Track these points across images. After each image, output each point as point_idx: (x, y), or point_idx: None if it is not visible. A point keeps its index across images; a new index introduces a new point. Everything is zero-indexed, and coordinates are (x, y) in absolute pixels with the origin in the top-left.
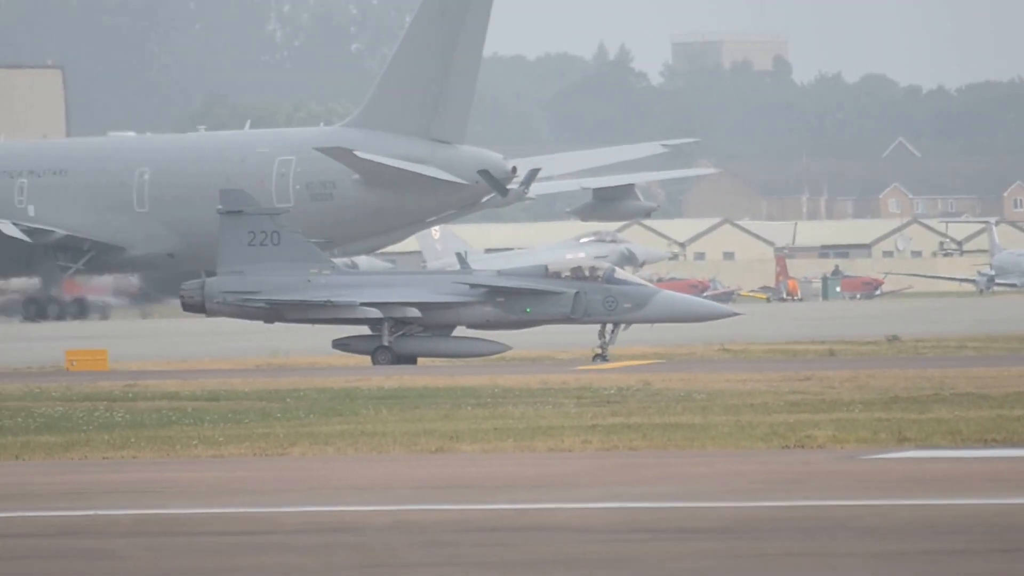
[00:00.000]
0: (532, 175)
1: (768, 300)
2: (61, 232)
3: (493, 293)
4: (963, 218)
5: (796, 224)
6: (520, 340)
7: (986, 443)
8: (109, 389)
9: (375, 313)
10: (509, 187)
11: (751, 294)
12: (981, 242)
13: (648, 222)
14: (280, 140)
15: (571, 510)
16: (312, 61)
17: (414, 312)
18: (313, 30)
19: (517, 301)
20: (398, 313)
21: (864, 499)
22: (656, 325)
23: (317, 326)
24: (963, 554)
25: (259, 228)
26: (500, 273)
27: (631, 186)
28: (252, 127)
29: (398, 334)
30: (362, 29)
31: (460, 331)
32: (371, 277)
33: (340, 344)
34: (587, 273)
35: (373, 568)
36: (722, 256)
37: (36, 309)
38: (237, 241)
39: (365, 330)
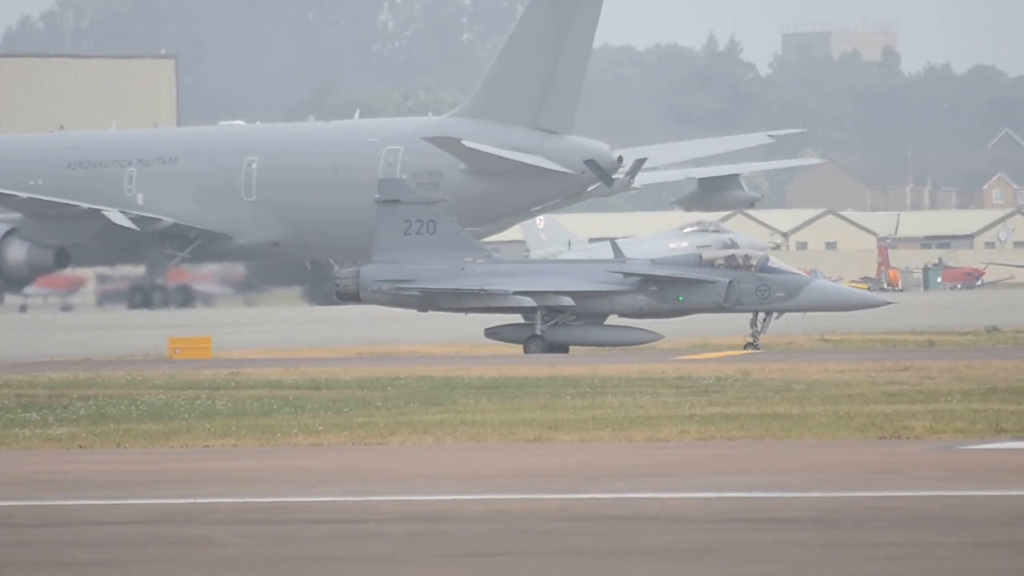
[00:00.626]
0: (638, 165)
1: (869, 290)
2: (168, 220)
3: (646, 282)
4: None
5: (899, 215)
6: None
7: None
8: (211, 377)
9: (528, 302)
10: (615, 177)
11: (853, 284)
12: None
13: (751, 212)
14: (389, 130)
15: (666, 500)
16: (423, 51)
17: (567, 301)
18: (424, 20)
19: (670, 290)
20: (551, 302)
21: (959, 490)
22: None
23: (471, 315)
24: None
25: (415, 217)
26: (654, 262)
27: (736, 176)
28: (361, 117)
29: (550, 323)
30: (474, 20)
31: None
32: (524, 266)
33: (492, 333)
34: (741, 262)
35: (467, 556)
36: (824, 246)
37: (141, 297)
38: (393, 230)
39: (517, 319)
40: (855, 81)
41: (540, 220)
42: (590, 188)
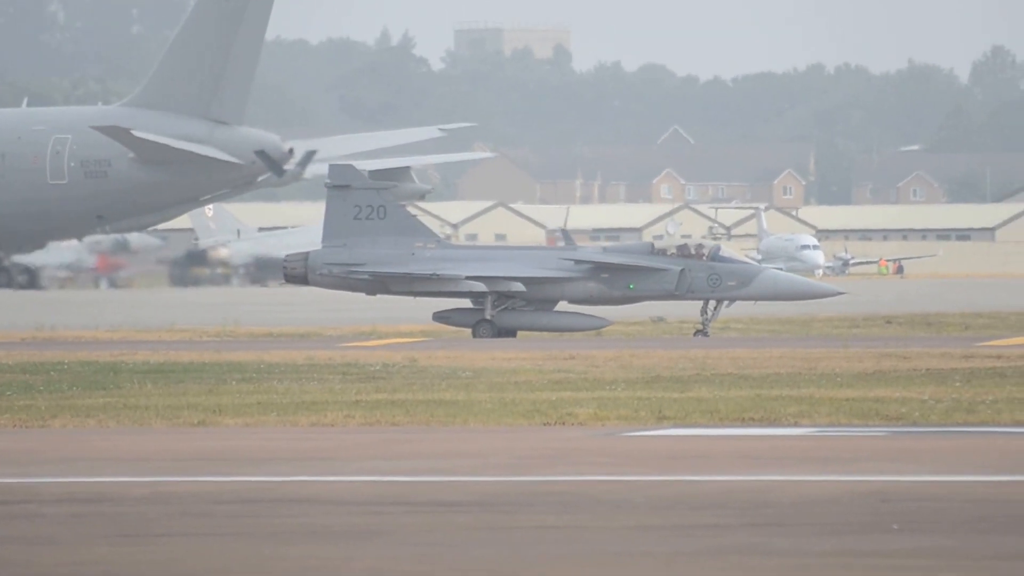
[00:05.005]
0: (308, 156)
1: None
2: None
3: (598, 269)
4: (732, 204)
5: (568, 208)
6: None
7: (743, 421)
8: None
9: (480, 287)
10: (285, 168)
11: None
12: (750, 227)
13: (423, 204)
14: (57, 118)
15: (329, 483)
16: (94, 42)
17: (518, 286)
18: (95, 11)
19: (621, 277)
20: (503, 287)
21: (620, 475)
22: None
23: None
24: (715, 528)
25: (365, 202)
26: (605, 249)
27: (407, 168)
28: (29, 105)
29: (500, 308)
30: (145, 11)
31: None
32: (475, 251)
33: (441, 317)
34: (693, 251)
35: (128, 538)
36: (494, 238)
37: None
38: (343, 215)
39: (467, 303)
40: (527, 77)
41: (209, 209)
42: (260, 178)
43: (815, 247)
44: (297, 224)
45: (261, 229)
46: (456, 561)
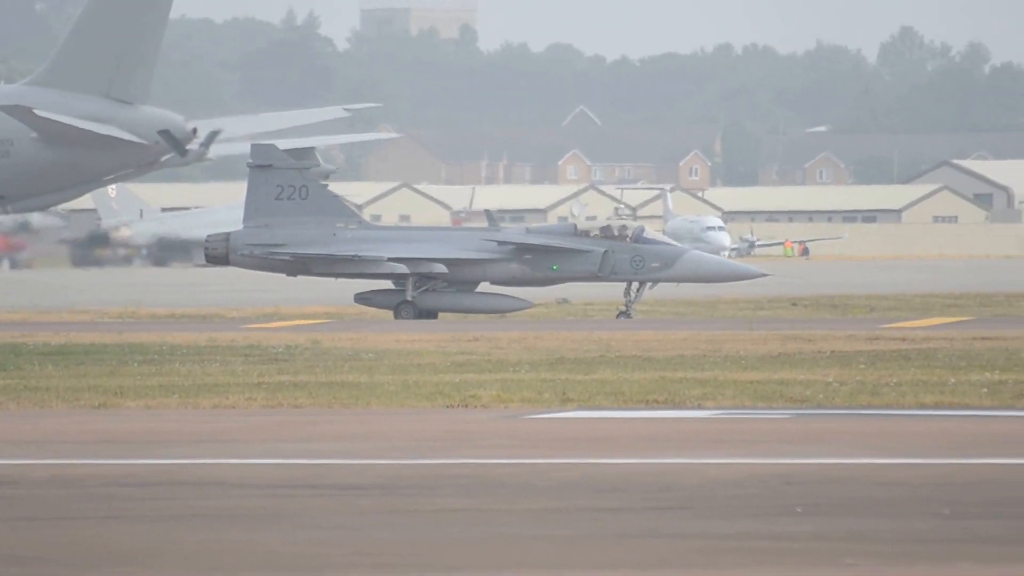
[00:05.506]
0: (212, 136)
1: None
2: None
3: (520, 250)
4: (638, 185)
5: (474, 189)
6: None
7: (647, 404)
8: None
9: (402, 268)
10: (189, 148)
11: None
12: (655, 209)
13: (327, 184)
14: None
15: (230, 466)
16: None
17: (440, 268)
18: None
19: (544, 259)
20: (425, 269)
21: (523, 458)
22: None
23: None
24: (618, 511)
25: (287, 182)
26: (528, 230)
27: (311, 149)
28: None
29: (422, 289)
30: None
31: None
32: (398, 232)
33: (362, 298)
34: (616, 232)
35: (28, 521)
36: (399, 219)
37: None
38: (265, 194)
39: (388, 285)
40: (433, 58)
41: (112, 190)
42: (164, 158)
43: (721, 229)
44: (201, 205)
45: (164, 210)
46: (358, 544)
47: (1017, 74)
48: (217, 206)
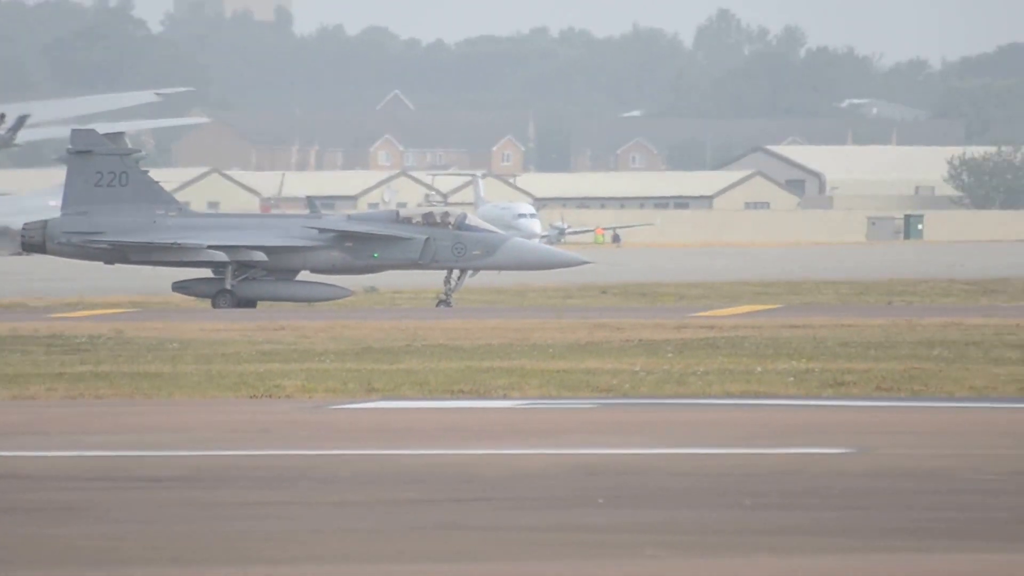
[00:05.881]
0: (20, 122)
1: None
2: None
3: (341, 238)
4: (450, 171)
5: (284, 175)
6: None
7: (453, 394)
8: None
9: (221, 256)
10: None
11: None
12: (467, 195)
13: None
14: None
15: (28, 458)
16: None
17: (260, 256)
18: None
19: (366, 246)
20: (244, 257)
21: (325, 449)
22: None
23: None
24: (419, 503)
25: (107, 169)
26: (350, 217)
27: (121, 134)
28: None
29: (241, 278)
30: None
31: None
32: (218, 220)
33: (180, 287)
34: (439, 219)
35: None
36: (207, 205)
37: None
38: (84, 181)
39: (207, 273)
40: (246, 41)
41: None
42: None
43: (532, 216)
44: (7, 192)
45: None
46: (155, 539)
47: (832, 58)
48: (25, 193)
